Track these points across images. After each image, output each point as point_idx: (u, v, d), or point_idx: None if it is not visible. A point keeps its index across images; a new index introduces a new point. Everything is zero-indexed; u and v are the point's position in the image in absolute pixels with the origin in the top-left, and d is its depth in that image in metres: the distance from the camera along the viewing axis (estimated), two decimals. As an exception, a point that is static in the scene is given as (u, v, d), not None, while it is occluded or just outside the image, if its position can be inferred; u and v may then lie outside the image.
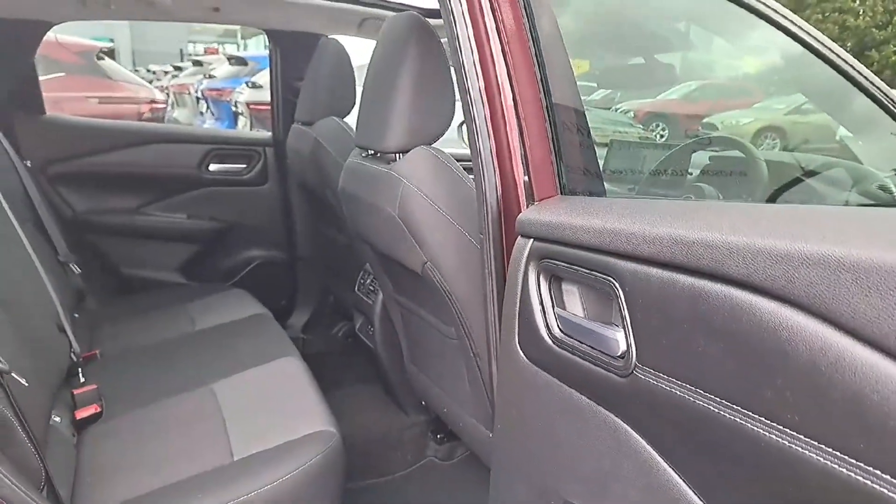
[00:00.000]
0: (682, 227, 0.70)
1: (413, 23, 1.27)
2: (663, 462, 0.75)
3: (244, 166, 2.59)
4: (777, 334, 0.57)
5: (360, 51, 2.28)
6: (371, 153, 1.42)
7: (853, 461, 0.52)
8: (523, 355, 1.00)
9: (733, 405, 0.62)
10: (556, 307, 0.94)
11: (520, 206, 1.04)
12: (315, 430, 1.26)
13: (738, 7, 1.29)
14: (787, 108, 6.38)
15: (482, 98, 1.06)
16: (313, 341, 2.58)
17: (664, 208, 0.81)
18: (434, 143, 1.31)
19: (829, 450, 0.54)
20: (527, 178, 1.04)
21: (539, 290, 0.95)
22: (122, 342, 1.77)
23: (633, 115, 6.08)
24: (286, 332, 1.80)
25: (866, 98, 1.37)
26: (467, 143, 1.13)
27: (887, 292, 0.50)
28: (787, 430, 0.57)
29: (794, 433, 0.56)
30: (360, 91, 1.48)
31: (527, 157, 1.04)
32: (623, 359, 0.78)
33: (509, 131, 1.04)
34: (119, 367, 1.61)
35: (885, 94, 1.37)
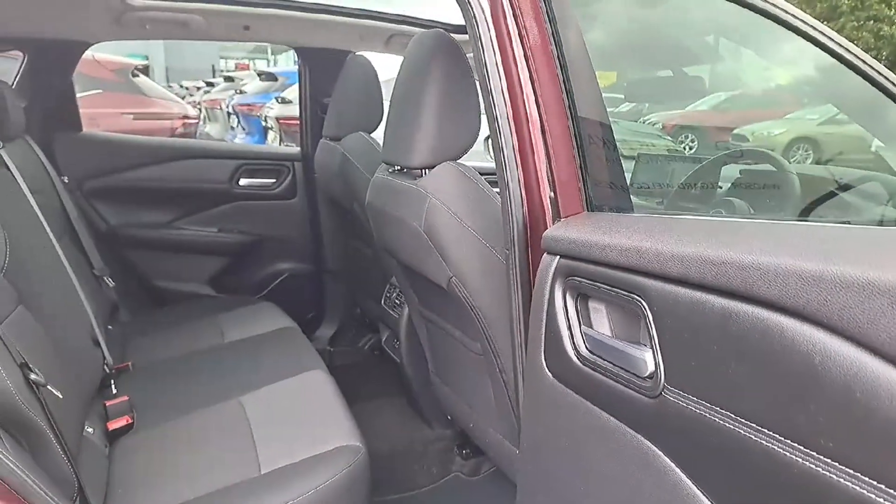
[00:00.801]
0: (712, 247, 0.69)
1: (439, 40, 1.28)
2: (692, 485, 0.73)
3: (273, 181, 2.63)
4: (810, 358, 0.56)
5: (387, 66, 2.30)
6: (398, 168, 1.43)
7: (891, 491, 0.50)
8: (549, 373, 0.99)
9: (765, 430, 0.61)
10: (582, 325, 0.93)
11: (546, 222, 1.04)
12: (341, 444, 1.27)
13: (767, 19, 1.27)
14: (820, 119, 6.26)
15: (508, 115, 1.06)
16: (340, 354, 2.60)
17: (692, 226, 0.80)
18: (460, 158, 1.31)
19: (866, 478, 0.52)
20: (552, 194, 1.04)
21: (566, 308, 0.95)
22: (153, 354, 1.80)
23: (661, 126, 6.02)
24: (313, 344, 1.82)
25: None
26: (493, 156, 1.13)
27: None
28: (821, 456, 0.56)
29: (829, 460, 0.55)
30: (386, 105, 1.49)
31: (552, 174, 1.03)
32: (651, 379, 0.77)
33: (535, 148, 1.04)
34: (150, 378, 1.64)
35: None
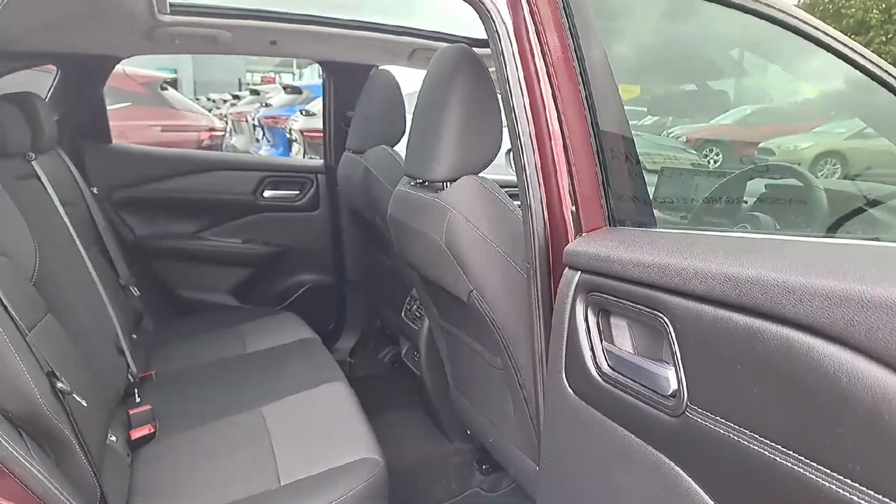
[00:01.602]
0: (736, 265, 0.68)
1: (462, 55, 1.29)
2: (716, 507, 0.72)
3: (297, 192, 2.66)
4: (836, 379, 0.55)
5: (410, 80, 2.32)
6: (419, 182, 1.44)
7: None
8: (570, 389, 0.98)
9: (790, 451, 0.60)
10: (604, 341, 0.92)
11: (567, 237, 1.04)
12: (360, 457, 1.27)
13: (792, 34, 1.26)
14: (847, 133, 6.14)
15: (530, 132, 1.06)
16: (360, 365, 2.61)
17: (716, 243, 0.79)
18: (482, 171, 1.32)
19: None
20: (574, 208, 1.03)
21: (587, 324, 0.94)
22: (176, 363, 1.82)
23: (685, 139, 5.97)
24: (333, 355, 1.83)
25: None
26: (515, 170, 1.13)
27: None
28: (848, 480, 0.54)
29: (857, 484, 0.54)
30: (409, 118, 1.50)
31: (574, 188, 1.03)
32: (674, 398, 0.76)
33: (557, 164, 1.04)
34: (173, 387, 1.66)
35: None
